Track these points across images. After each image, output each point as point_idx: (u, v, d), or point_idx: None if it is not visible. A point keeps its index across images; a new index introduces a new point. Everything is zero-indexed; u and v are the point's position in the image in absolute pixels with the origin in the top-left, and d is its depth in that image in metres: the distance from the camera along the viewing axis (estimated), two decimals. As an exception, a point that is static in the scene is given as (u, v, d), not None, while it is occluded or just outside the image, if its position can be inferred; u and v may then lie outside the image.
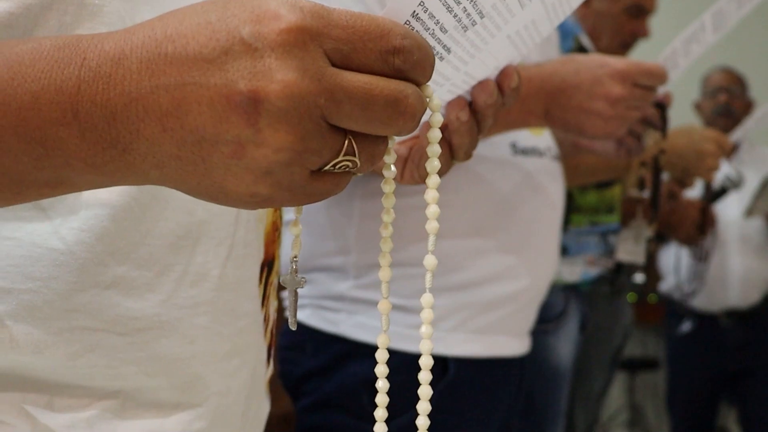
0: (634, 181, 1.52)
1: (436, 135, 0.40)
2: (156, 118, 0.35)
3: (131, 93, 0.35)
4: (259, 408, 0.67)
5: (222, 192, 0.37)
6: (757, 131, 2.05)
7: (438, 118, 0.40)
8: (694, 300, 2.70)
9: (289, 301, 0.43)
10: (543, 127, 1.08)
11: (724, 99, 2.76)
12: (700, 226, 2.18)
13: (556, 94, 0.96)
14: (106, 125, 0.36)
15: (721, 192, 2.30)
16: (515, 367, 1.11)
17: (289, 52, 0.34)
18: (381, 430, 0.41)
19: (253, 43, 0.35)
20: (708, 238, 2.34)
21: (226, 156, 0.36)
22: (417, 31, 0.40)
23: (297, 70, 0.34)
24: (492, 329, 1.05)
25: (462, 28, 0.44)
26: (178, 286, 0.55)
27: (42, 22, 0.47)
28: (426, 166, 0.40)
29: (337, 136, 0.37)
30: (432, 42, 0.42)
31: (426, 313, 0.39)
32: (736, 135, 2.02)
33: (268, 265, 0.64)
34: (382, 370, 0.41)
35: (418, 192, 0.73)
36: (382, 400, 0.41)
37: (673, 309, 2.84)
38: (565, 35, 1.79)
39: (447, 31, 0.42)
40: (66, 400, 0.52)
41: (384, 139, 0.39)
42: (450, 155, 0.61)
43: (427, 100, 0.39)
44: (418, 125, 0.38)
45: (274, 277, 0.66)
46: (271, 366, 0.70)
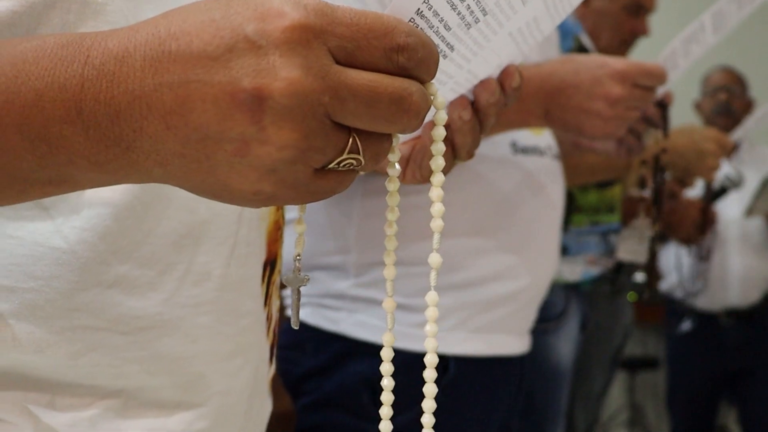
0: (635, 180, 1.52)
1: (440, 133, 0.40)
2: (160, 115, 0.35)
3: (135, 91, 0.35)
4: (262, 407, 0.67)
5: (226, 190, 0.37)
6: (757, 131, 2.04)
7: (442, 116, 0.40)
8: (695, 299, 2.70)
9: (292, 299, 0.43)
10: (543, 127, 1.08)
11: (724, 98, 2.76)
12: (701, 225, 2.18)
13: (556, 94, 0.96)
14: (109, 123, 0.36)
15: (721, 192, 2.30)
16: (515, 367, 1.11)
17: (293, 49, 0.34)
18: (386, 428, 0.41)
19: (258, 41, 0.34)
20: (709, 237, 2.34)
21: (230, 154, 0.36)
22: (421, 28, 0.40)
23: (301, 67, 0.34)
24: (492, 328, 1.05)
25: (465, 25, 0.44)
26: (180, 285, 0.55)
27: (45, 21, 0.47)
28: (430, 164, 0.40)
29: (341, 133, 0.36)
30: (436, 40, 0.42)
31: (431, 311, 0.39)
32: (737, 134, 2.02)
33: (270, 264, 0.64)
34: (387, 368, 0.41)
35: (419, 191, 0.72)
36: (388, 398, 0.41)
37: (673, 308, 2.83)
38: (565, 35, 1.79)
39: (451, 29, 0.42)
40: (68, 399, 0.52)
41: (388, 137, 0.39)
42: (452, 155, 0.61)
43: (432, 97, 0.39)
44: (423, 123, 0.38)
45: (276, 276, 0.66)
46: (274, 365, 0.69)
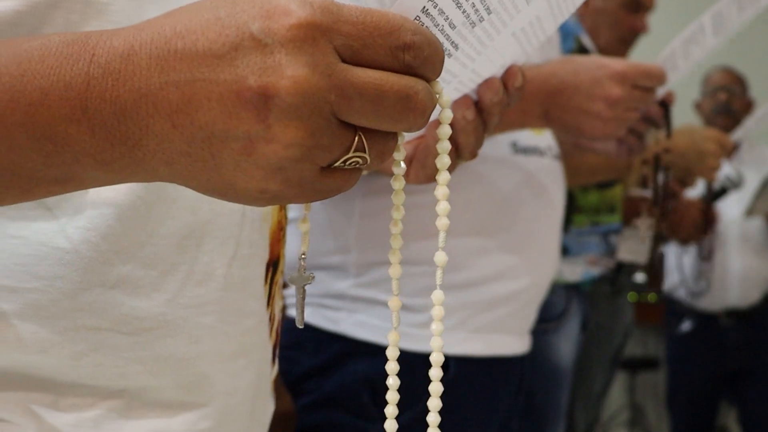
0: (637, 180, 1.51)
1: (446, 131, 0.40)
2: (165, 114, 0.35)
3: (141, 89, 0.35)
4: (265, 408, 0.66)
5: (231, 188, 0.37)
6: (757, 131, 2.04)
7: (448, 114, 0.40)
8: (693, 299, 2.70)
9: (297, 298, 0.43)
10: (542, 128, 1.08)
11: (724, 98, 2.77)
12: (703, 225, 2.18)
13: (555, 95, 0.96)
14: (115, 122, 0.36)
15: (721, 192, 2.30)
16: (515, 367, 1.11)
17: (299, 47, 0.34)
18: (392, 427, 0.41)
19: (263, 39, 0.34)
20: (710, 237, 2.34)
21: (235, 152, 0.35)
22: (426, 27, 0.40)
23: (307, 65, 0.34)
24: (492, 328, 1.05)
25: (470, 24, 0.44)
26: (183, 286, 0.55)
27: (49, 21, 0.47)
28: (436, 162, 0.40)
29: (347, 132, 0.36)
30: (441, 38, 0.42)
31: (437, 310, 0.39)
32: (737, 134, 2.02)
33: (273, 264, 0.64)
34: (392, 367, 0.41)
35: (420, 190, 0.72)
36: (393, 397, 0.41)
37: (673, 308, 2.83)
38: (566, 36, 1.79)
39: (456, 27, 0.42)
40: (71, 399, 0.52)
41: (393, 136, 0.39)
42: (456, 154, 0.61)
43: (437, 96, 0.39)
44: (428, 121, 0.38)
45: (279, 277, 0.66)
46: (276, 366, 0.69)
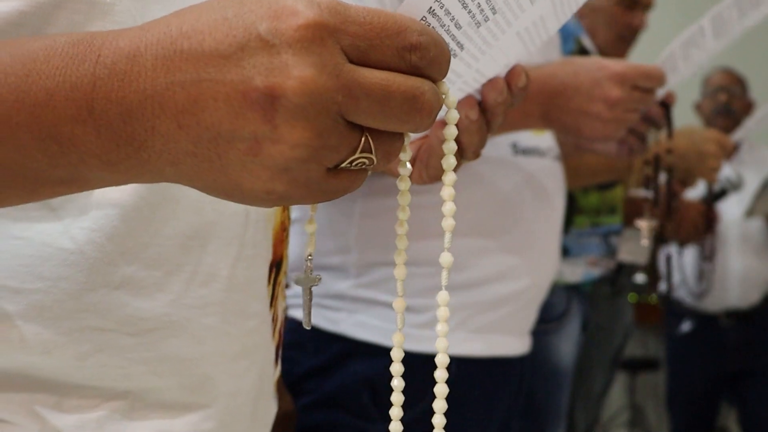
0: (638, 180, 1.51)
1: (452, 131, 0.40)
2: (172, 114, 0.35)
3: (146, 90, 0.35)
4: (267, 409, 0.66)
5: (238, 189, 0.37)
6: (757, 132, 2.04)
7: (454, 115, 0.40)
8: (694, 300, 2.70)
9: (304, 299, 0.43)
10: (542, 129, 1.08)
11: (725, 99, 2.77)
12: (703, 225, 2.18)
13: (555, 96, 0.96)
14: (121, 122, 0.36)
15: (720, 194, 2.30)
16: (515, 367, 1.11)
17: (306, 48, 0.34)
18: (396, 429, 0.41)
19: (271, 40, 0.34)
20: (710, 237, 2.34)
21: (242, 153, 0.35)
22: (433, 27, 0.40)
23: (314, 66, 0.34)
24: (492, 329, 1.05)
25: (475, 24, 0.43)
26: (187, 286, 0.55)
27: (53, 21, 0.47)
28: (442, 163, 0.40)
29: (354, 132, 0.36)
30: (446, 38, 0.41)
31: (442, 311, 0.39)
32: (737, 135, 2.02)
33: (276, 265, 0.64)
34: (397, 368, 0.41)
35: (421, 191, 0.72)
36: (398, 398, 0.41)
37: (673, 309, 2.83)
38: (566, 37, 1.79)
39: (461, 28, 0.42)
40: (75, 400, 0.52)
41: (400, 136, 0.39)
42: (459, 154, 0.61)
43: (443, 96, 0.39)
44: (434, 122, 0.38)
45: (282, 278, 0.66)
46: (279, 367, 0.69)
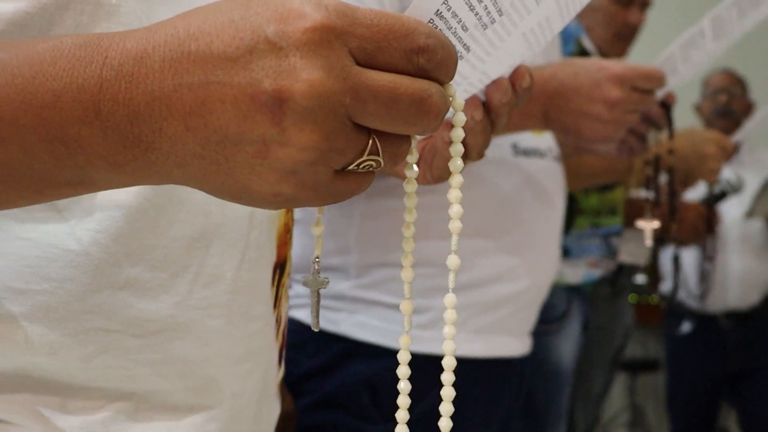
0: (639, 181, 1.51)
1: (459, 134, 0.40)
2: (179, 116, 0.35)
3: (154, 92, 0.35)
4: (271, 410, 0.66)
5: (245, 191, 0.37)
6: (757, 133, 2.04)
7: (461, 117, 0.40)
8: (694, 300, 2.70)
9: (312, 301, 0.42)
10: (542, 130, 1.09)
11: (725, 100, 2.77)
12: (704, 227, 2.18)
13: (555, 97, 0.96)
14: (128, 124, 0.36)
15: (720, 196, 2.30)
16: (515, 368, 1.11)
17: (314, 51, 0.34)
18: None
19: (278, 42, 0.34)
20: (713, 238, 2.34)
21: (250, 155, 0.35)
22: (440, 29, 0.39)
23: (322, 69, 0.34)
24: (492, 329, 1.05)
25: (482, 26, 0.43)
26: (192, 288, 0.55)
27: (58, 22, 0.47)
28: (449, 166, 0.40)
29: (361, 135, 0.36)
30: (453, 41, 0.41)
31: (449, 314, 0.39)
32: (737, 137, 2.02)
33: (280, 267, 0.64)
34: (404, 371, 0.41)
35: (421, 191, 0.72)
36: (404, 401, 0.41)
37: (673, 310, 2.83)
38: (567, 38, 1.79)
39: (468, 30, 0.42)
40: (79, 402, 0.52)
41: (407, 138, 0.39)
42: (463, 155, 0.61)
43: (450, 99, 0.39)
44: (442, 124, 0.38)
45: (285, 279, 0.66)
46: (282, 368, 0.69)
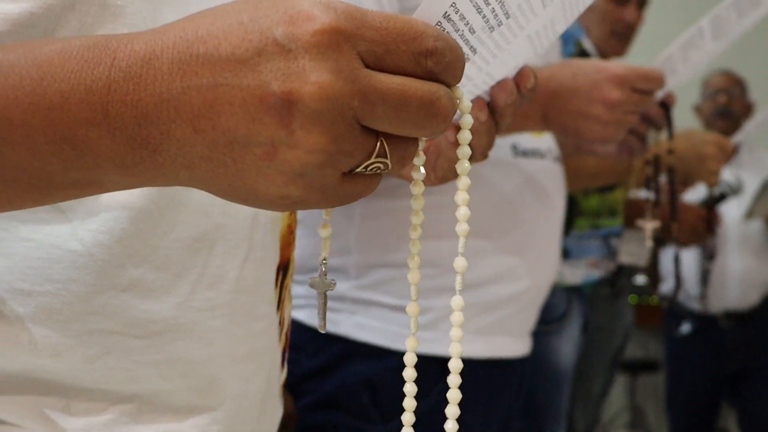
0: (639, 181, 1.51)
1: (466, 136, 0.40)
2: (187, 119, 0.35)
3: (162, 94, 0.35)
4: (274, 412, 0.66)
5: (253, 194, 0.37)
6: (756, 134, 2.05)
7: (469, 120, 0.40)
8: (695, 301, 2.70)
9: (319, 303, 0.42)
10: (542, 131, 1.08)
11: (724, 101, 2.77)
12: (704, 228, 2.18)
13: (554, 98, 0.96)
14: (136, 126, 0.35)
15: (720, 197, 2.30)
16: (515, 368, 1.11)
17: (323, 53, 0.34)
18: (408, 434, 0.41)
19: (287, 44, 0.34)
20: (713, 238, 2.34)
21: (258, 157, 0.35)
22: (447, 32, 0.39)
23: (331, 71, 0.34)
24: (492, 330, 1.05)
25: (489, 28, 0.43)
26: (195, 289, 0.55)
27: (63, 23, 0.47)
28: (456, 168, 0.40)
29: (369, 137, 0.36)
30: (460, 43, 0.41)
31: (456, 316, 0.39)
32: (737, 138, 2.02)
33: (283, 268, 0.64)
34: (410, 373, 0.41)
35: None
36: (410, 404, 0.41)
37: (672, 310, 2.83)
38: (567, 40, 1.79)
39: (475, 32, 0.42)
40: (83, 403, 0.52)
41: (414, 141, 0.39)
42: None
43: (458, 101, 0.39)
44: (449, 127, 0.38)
45: (289, 280, 0.66)
46: (285, 369, 0.69)
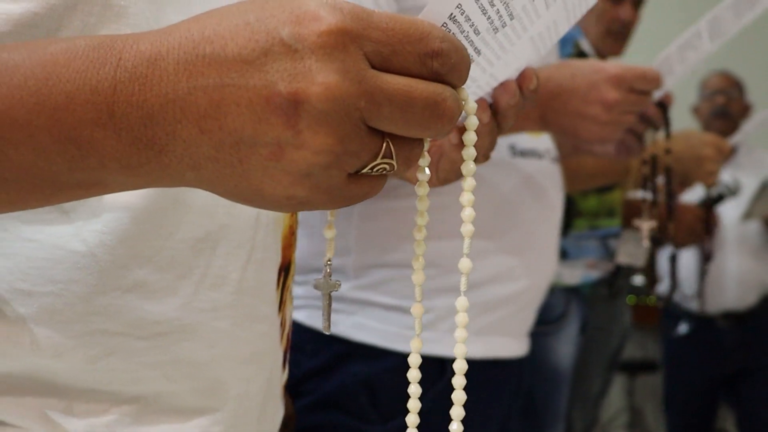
0: (637, 181, 1.51)
1: (471, 138, 0.40)
2: (193, 119, 0.35)
3: (168, 94, 0.35)
4: (275, 413, 0.66)
5: (258, 194, 0.37)
6: (754, 135, 2.05)
7: (474, 121, 0.40)
8: (692, 302, 2.70)
9: (323, 304, 0.42)
10: (540, 131, 1.09)
11: (722, 101, 2.77)
12: (702, 229, 2.18)
13: (552, 98, 0.96)
14: (142, 126, 0.35)
15: (718, 199, 2.31)
16: (514, 369, 1.11)
17: (329, 54, 0.34)
18: (414, 437, 0.41)
19: (293, 45, 0.34)
20: (709, 239, 2.34)
21: (264, 158, 0.35)
22: (453, 33, 0.39)
23: (338, 72, 0.34)
24: (491, 330, 1.05)
25: (493, 30, 0.43)
26: (198, 290, 0.54)
27: (66, 23, 0.47)
28: (461, 169, 0.40)
29: (375, 138, 0.36)
30: (465, 44, 0.41)
31: (461, 317, 0.39)
32: (735, 139, 2.03)
33: (285, 269, 0.64)
34: (414, 374, 0.40)
35: (414, 195, 0.72)
36: (414, 405, 0.41)
37: (671, 311, 2.84)
38: (565, 41, 1.79)
39: (480, 34, 0.42)
40: (85, 404, 0.51)
41: (420, 142, 0.39)
42: None
43: (463, 103, 0.39)
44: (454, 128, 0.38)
45: (290, 282, 0.66)
46: (287, 371, 0.69)
